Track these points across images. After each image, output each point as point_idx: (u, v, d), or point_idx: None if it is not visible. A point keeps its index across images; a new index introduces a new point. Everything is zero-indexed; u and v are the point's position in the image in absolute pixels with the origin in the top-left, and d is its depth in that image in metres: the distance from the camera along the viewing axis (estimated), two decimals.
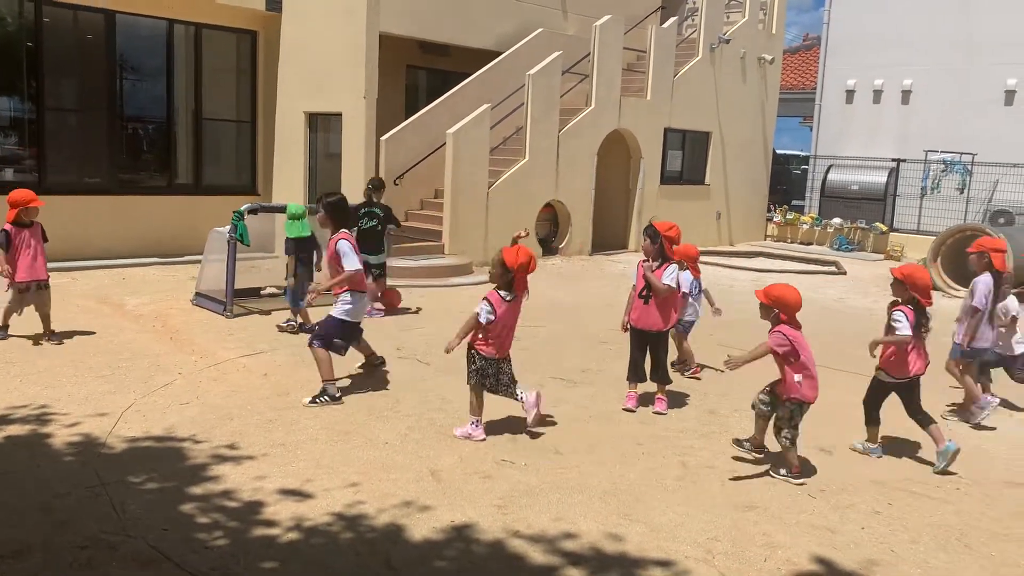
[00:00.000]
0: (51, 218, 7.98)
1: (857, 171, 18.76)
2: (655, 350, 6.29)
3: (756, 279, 13.08)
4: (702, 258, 13.17)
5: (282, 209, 8.54)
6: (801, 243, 18.39)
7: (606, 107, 14.52)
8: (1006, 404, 6.77)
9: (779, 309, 4.96)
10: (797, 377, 4.91)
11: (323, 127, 13.21)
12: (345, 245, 6.16)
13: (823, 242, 18.12)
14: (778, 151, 23.62)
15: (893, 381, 5.41)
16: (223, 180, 13.49)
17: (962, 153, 17.67)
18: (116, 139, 12.43)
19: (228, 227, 8.57)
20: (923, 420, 5.38)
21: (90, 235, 11.59)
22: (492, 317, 5.46)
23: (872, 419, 5.55)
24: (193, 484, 4.54)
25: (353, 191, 12.38)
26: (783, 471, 4.98)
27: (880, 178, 18.32)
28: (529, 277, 5.81)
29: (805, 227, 18.55)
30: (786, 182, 22.99)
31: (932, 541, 4.24)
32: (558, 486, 4.74)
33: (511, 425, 5.72)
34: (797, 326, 4.99)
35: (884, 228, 17.36)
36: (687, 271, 7.00)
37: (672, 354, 6.81)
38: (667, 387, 6.33)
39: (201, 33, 12.96)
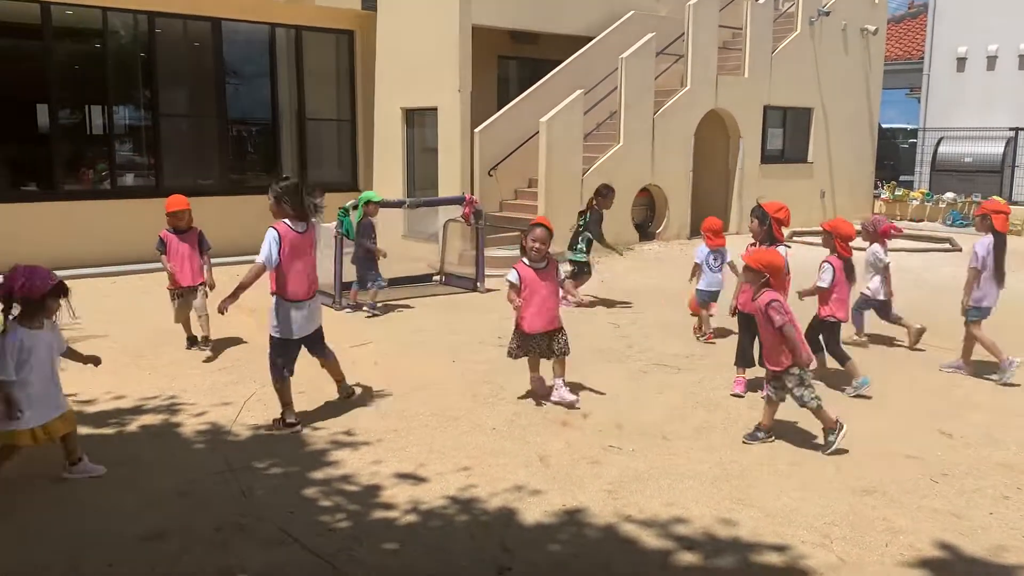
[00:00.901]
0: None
1: (970, 142, 17.83)
2: (751, 331, 6.18)
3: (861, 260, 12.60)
4: (807, 239, 12.91)
5: (392, 204, 8.93)
6: (912, 220, 17.61)
7: (702, 87, 14.25)
8: None
9: (769, 274, 5.05)
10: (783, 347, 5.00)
11: (419, 122, 13.45)
12: (269, 234, 5.22)
13: (935, 218, 17.31)
14: (884, 125, 22.67)
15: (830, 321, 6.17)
16: (326, 177, 13.91)
17: None
18: (225, 142, 13.00)
19: (334, 223, 8.85)
20: (842, 357, 6.15)
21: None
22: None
23: (817, 349, 6.15)
24: (314, 469, 4.74)
25: (450, 184, 12.60)
26: (832, 437, 4.96)
27: (996, 149, 17.36)
28: (627, 262, 5.91)
29: (915, 203, 17.75)
30: (893, 157, 22.04)
31: None
32: (667, 471, 4.73)
33: (616, 412, 5.73)
34: (785, 288, 5.20)
35: (1003, 201, 16.45)
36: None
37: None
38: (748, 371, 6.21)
39: (301, 35, 13.38)
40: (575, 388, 6.04)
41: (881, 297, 7.50)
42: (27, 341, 4.32)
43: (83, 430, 5.19)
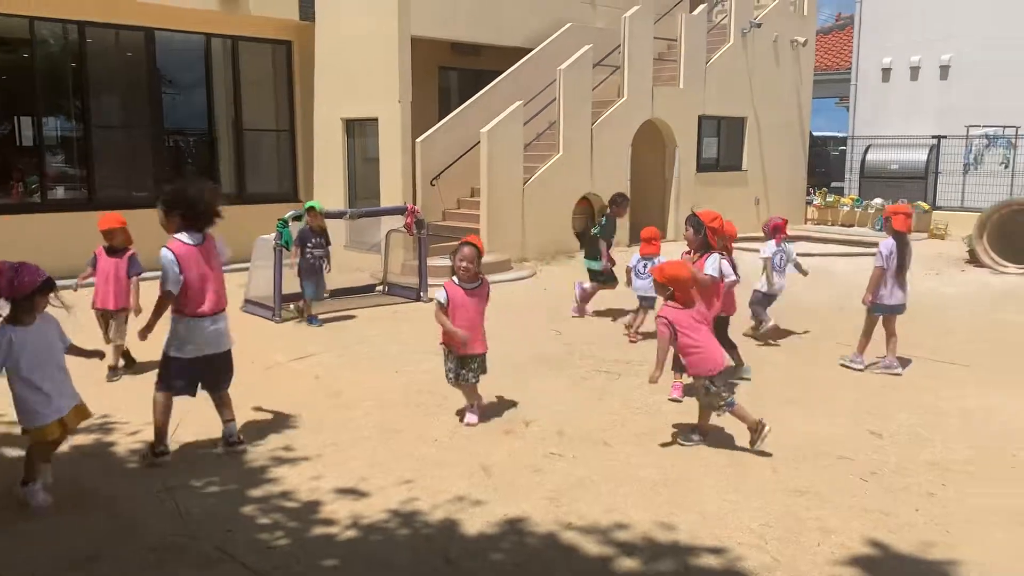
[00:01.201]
0: None
1: (896, 150, 18.47)
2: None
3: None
4: (743, 244, 13.18)
5: (333, 215, 8.93)
6: (842, 225, 18.15)
7: (638, 98, 14.49)
8: None
9: (673, 287, 5.16)
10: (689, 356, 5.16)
11: (360, 132, 13.39)
12: (163, 257, 4.83)
13: (864, 223, 17.85)
14: (815, 133, 23.32)
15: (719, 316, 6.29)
16: (265, 189, 13.75)
17: (1005, 127, 17.30)
18: (160, 153, 12.74)
19: (273, 235, 8.76)
20: (729, 346, 6.37)
21: (139, 249, 11.86)
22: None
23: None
24: (253, 486, 4.68)
25: (391, 194, 12.56)
26: (695, 436, 5.23)
27: (920, 156, 18.01)
28: (569, 270, 5.97)
29: (846, 209, 18.30)
30: (825, 164, 22.69)
31: (990, 520, 4.22)
32: (608, 477, 4.79)
33: (559, 419, 5.78)
34: (692, 301, 5.21)
35: (927, 207, 17.06)
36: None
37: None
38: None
39: (238, 46, 13.21)
40: (519, 396, 6.08)
41: (764, 290, 7.93)
42: (17, 339, 4.23)
43: (13, 452, 5.04)
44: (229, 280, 5.49)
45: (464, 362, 5.65)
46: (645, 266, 7.95)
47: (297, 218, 8.91)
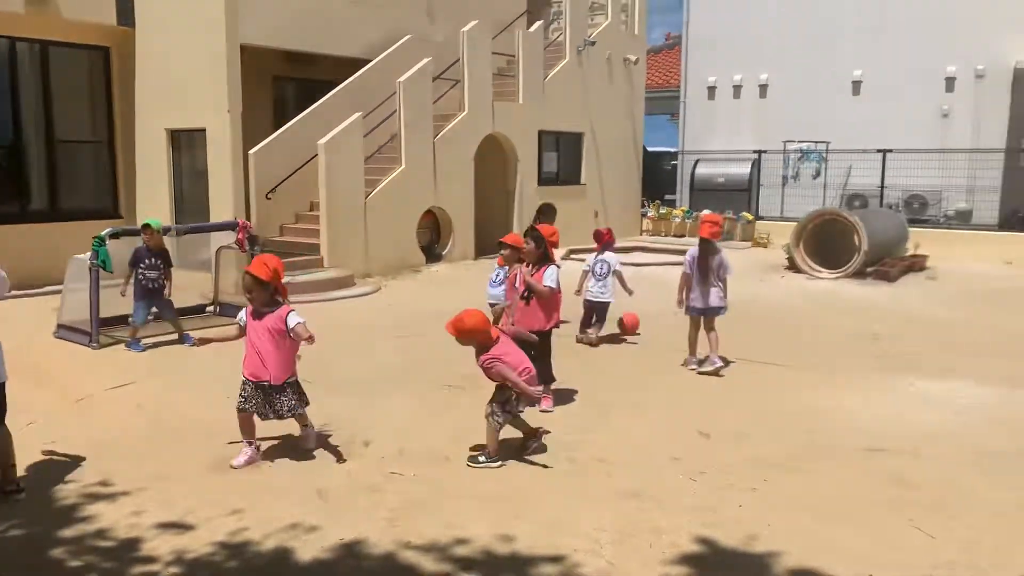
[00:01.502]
0: None
1: (722, 164, 19.58)
2: (538, 350, 6.38)
3: (633, 274, 13.41)
4: (583, 256, 13.53)
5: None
6: (675, 236, 19.01)
7: (479, 112, 14.61)
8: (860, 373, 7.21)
9: (475, 338, 5.11)
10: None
11: (187, 144, 12.74)
12: None
13: (695, 234, 18.75)
14: (649, 148, 24.34)
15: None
16: (81, 204, 12.80)
17: (817, 142, 18.72)
18: None
19: (89, 253, 8.15)
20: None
21: None
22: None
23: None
24: (63, 527, 4.29)
25: (222, 209, 12.01)
26: (482, 458, 5.12)
27: (744, 170, 19.18)
28: (414, 285, 5.81)
29: (677, 220, 19.19)
30: (658, 178, 23.73)
31: (804, 511, 4.47)
32: (449, 493, 4.73)
33: (399, 436, 5.67)
34: (494, 340, 5.15)
35: (750, 217, 18.17)
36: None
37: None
38: (553, 385, 6.43)
39: (48, 51, 12.27)
40: (360, 415, 5.92)
41: (589, 297, 8.39)
42: None
43: None
44: (41, 304, 5.03)
45: (246, 387, 5.23)
46: (497, 275, 7.99)
47: (115, 236, 8.32)
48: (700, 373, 7.32)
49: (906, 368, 7.56)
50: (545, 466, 5.13)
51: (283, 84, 15.13)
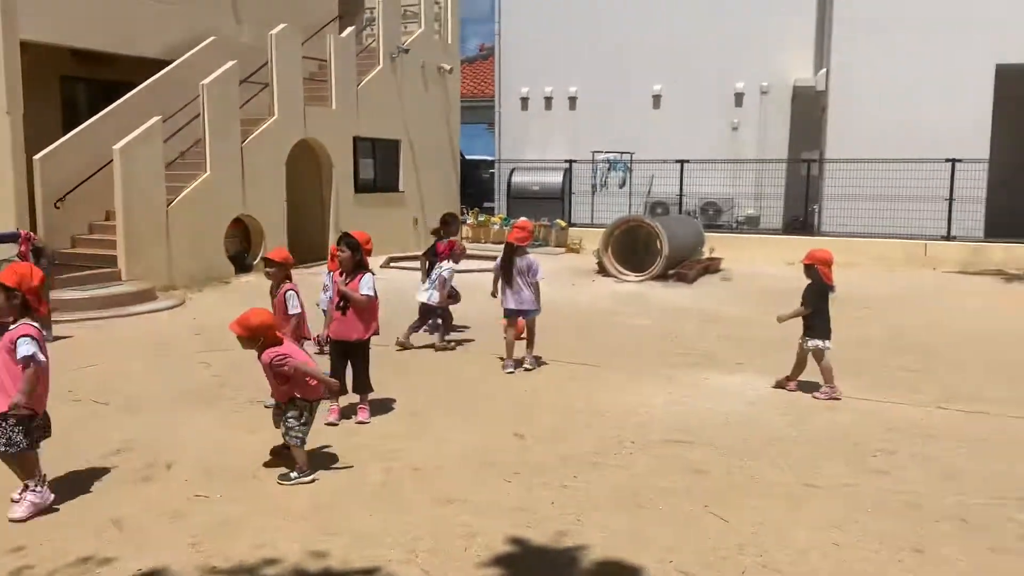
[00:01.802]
0: None
1: (537, 172, 20.16)
2: (356, 360, 6.30)
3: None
4: (400, 264, 13.55)
5: None
6: (493, 243, 19.32)
7: (290, 117, 14.22)
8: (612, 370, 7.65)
9: (263, 336, 4.96)
10: (296, 386, 5.01)
11: None
12: None
13: None
14: (469, 156, 24.67)
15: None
16: None
17: (622, 152, 19.69)
18: None
19: None
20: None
21: None
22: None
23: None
24: None
25: (2, 219, 10.95)
26: (294, 475, 4.95)
27: (557, 178, 19.84)
28: (222, 297, 5.52)
29: (496, 227, 19.54)
30: (477, 185, 24.11)
31: (612, 505, 4.68)
32: (257, 512, 4.55)
33: (206, 457, 5.40)
34: (280, 339, 5.09)
35: (564, 224, 18.81)
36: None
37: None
38: (371, 395, 6.35)
39: None
40: (161, 436, 5.58)
41: (432, 303, 8.63)
42: None
43: None
44: None
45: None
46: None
47: None
48: (511, 372, 7.57)
49: (704, 364, 8.09)
50: (350, 466, 5.08)
51: (73, 85, 14.02)
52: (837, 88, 17.28)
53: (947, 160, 15.70)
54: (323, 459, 5.34)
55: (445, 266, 8.71)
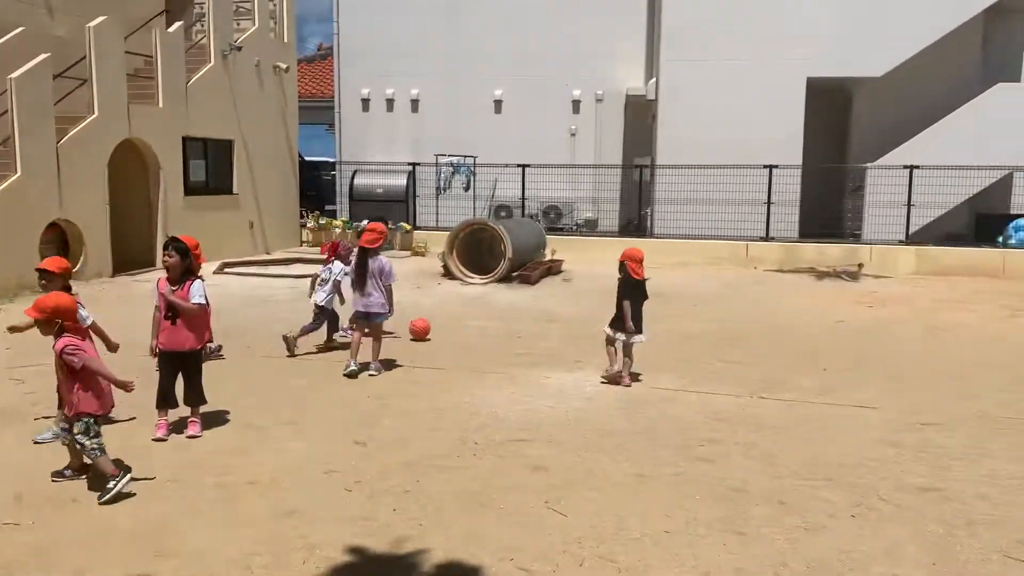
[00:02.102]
0: None
1: (380, 175, 19.96)
2: (188, 371, 6.00)
3: (294, 286, 13.18)
4: (236, 269, 13.09)
5: None
6: None
7: (112, 115, 13.37)
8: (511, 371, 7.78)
9: (61, 318, 4.82)
10: (84, 390, 4.82)
11: None
12: None
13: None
14: (308, 158, 24.07)
15: None
16: None
17: (465, 156, 19.84)
18: None
19: None
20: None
21: None
22: None
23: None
24: None
25: None
26: (111, 484, 4.72)
27: (401, 181, 19.73)
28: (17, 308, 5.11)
29: (338, 231, 19.17)
30: (317, 188, 23.58)
31: (455, 507, 4.69)
32: (77, 538, 4.25)
33: (17, 482, 4.97)
34: (84, 333, 5.02)
35: (408, 227, 18.73)
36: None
37: None
38: (203, 408, 6.07)
39: None
40: None
41: (322, 304, 8.60)
42: None
43: None
44: None
45: None
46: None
47: None
48: (349, 373, 7.52)
49: (545, 363, 8.27)
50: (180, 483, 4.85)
51: None
52: (665, 98, 18.18)
53: (765, 167, 16.84)
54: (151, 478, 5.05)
55: (337, 267, 8.65)
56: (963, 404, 6.97)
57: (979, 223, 17.55)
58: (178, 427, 5.94)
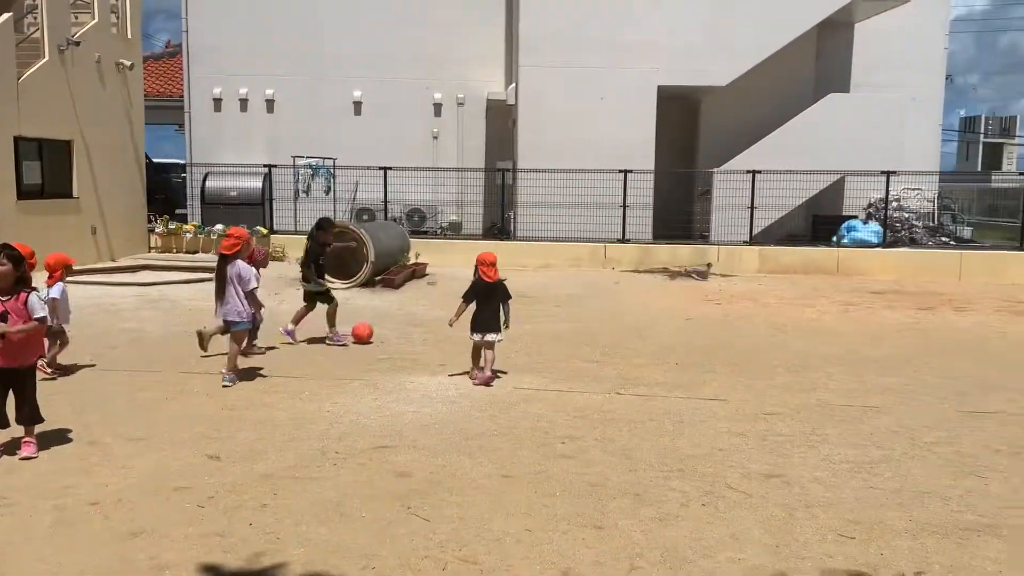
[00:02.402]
0: None
1: (234, 178, 19.22)
2: (21, 388, 5.59)
3: (141, 294, 12.53)
4: (80, 277, 12.38)
5: None
6: (187, 252, 18.15)
7: None
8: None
9: None
10: None
11: None
12: None
13: (208, 249, 18.13)
14: (156, 160, 22.93)
15: None
16: None
17: (325, 158, 19.44)
18: None
19: None
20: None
21: None
22: None
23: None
24: None
25: None
26: None
27: (256, 183, 19.08)
28: None
29: (189, 236, 18.34)
30: (166, 191, 22.48)
31: (314, 518, 4.58)
32: None
33: None
34: None
35: (265, 231, 18.13)
36: None
37: None
38: (38, 427, 5.66)
39: None
40: None
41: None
42: None
43: None
44: None
45: None
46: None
47: None
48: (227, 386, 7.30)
49: (408, 367, 8.23)
50: (13, 508, 4.50)
51: None
52: (524, 103, 18.45)
53: (620, 171, 17.40)
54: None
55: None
56: (803, 394, 7.45)
57: (815, 224, 18.80)
58: (11, 448, 5.51)
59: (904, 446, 5.99)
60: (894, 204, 18.29)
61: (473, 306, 7.64)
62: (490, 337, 7.57)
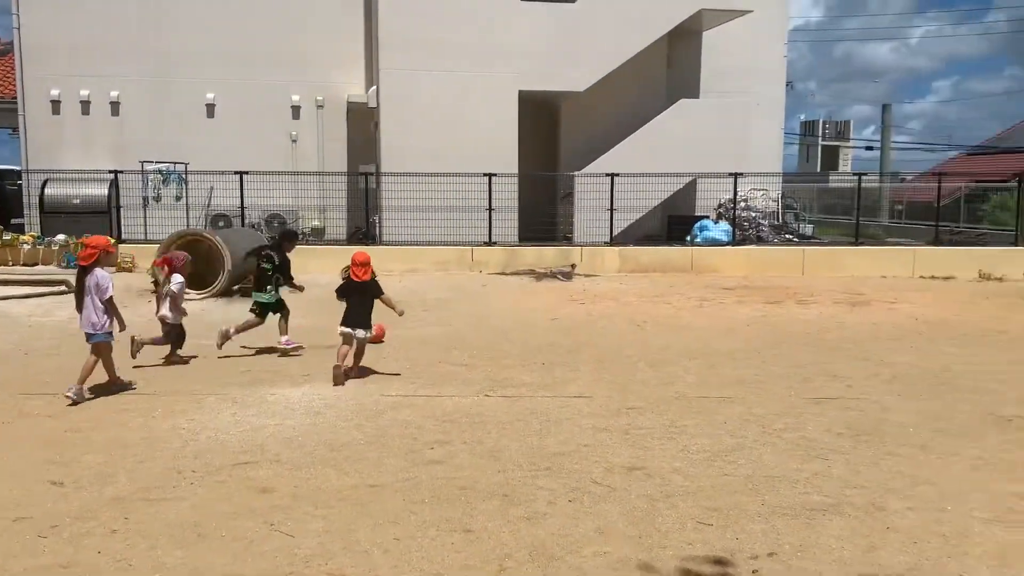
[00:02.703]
0: None
1: (77, 184, 18.06)
2: None
3: None
4: None
5: None
6: (25, 264, 16.89)
7: None
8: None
9: None
10: None
11: None
12: None
13: (50, 261, 16.96)
14: None
15: None
16: None
17: (176, 163, 18.57)
18: None
19: None
20: None
21: None
22: None
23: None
24: None
25: None
26: None
27: (101, 190, 18.00)
28: None
29: (27, 247, 17.08)
30: (1, 199, 20.89)
31: (169, 541, 4.35)
32: None
33: None
34: None
35: (113, 240, 17.12)
36: None
37: None
38: None
39: None
40: None
41: (169, 320, 8.55)
42: None
43: None
44: None
45: None
46: None
47: None
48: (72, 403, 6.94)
49: (269, 380, 7.96)
50: None
51: None
52: (386, 106, 18.28)
53: (485, 175, 17.51)
54: None
55: (175, 280, 8.65)
56: (662, 388, 7.73)
57: (670, 224, 19.58)
58: None
59: (755, 433, 6.31)
60: (742, 204, 19.29)
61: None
62: (359, 333, 7.83)
